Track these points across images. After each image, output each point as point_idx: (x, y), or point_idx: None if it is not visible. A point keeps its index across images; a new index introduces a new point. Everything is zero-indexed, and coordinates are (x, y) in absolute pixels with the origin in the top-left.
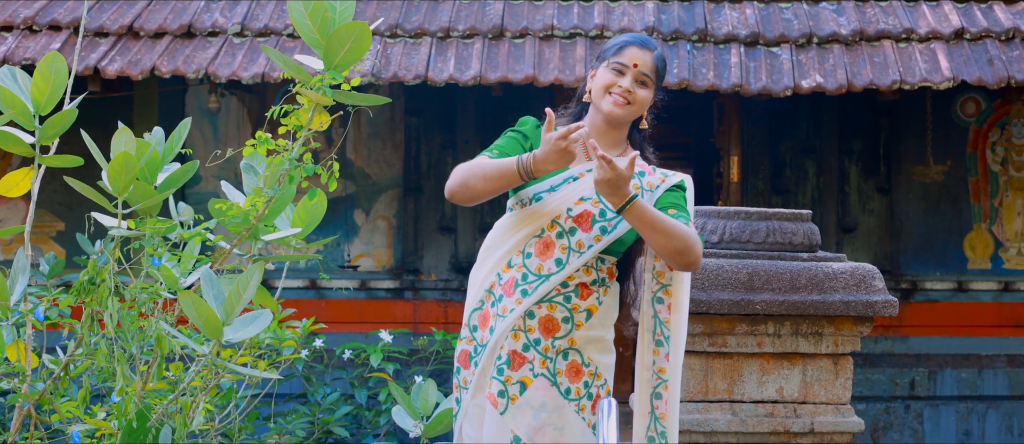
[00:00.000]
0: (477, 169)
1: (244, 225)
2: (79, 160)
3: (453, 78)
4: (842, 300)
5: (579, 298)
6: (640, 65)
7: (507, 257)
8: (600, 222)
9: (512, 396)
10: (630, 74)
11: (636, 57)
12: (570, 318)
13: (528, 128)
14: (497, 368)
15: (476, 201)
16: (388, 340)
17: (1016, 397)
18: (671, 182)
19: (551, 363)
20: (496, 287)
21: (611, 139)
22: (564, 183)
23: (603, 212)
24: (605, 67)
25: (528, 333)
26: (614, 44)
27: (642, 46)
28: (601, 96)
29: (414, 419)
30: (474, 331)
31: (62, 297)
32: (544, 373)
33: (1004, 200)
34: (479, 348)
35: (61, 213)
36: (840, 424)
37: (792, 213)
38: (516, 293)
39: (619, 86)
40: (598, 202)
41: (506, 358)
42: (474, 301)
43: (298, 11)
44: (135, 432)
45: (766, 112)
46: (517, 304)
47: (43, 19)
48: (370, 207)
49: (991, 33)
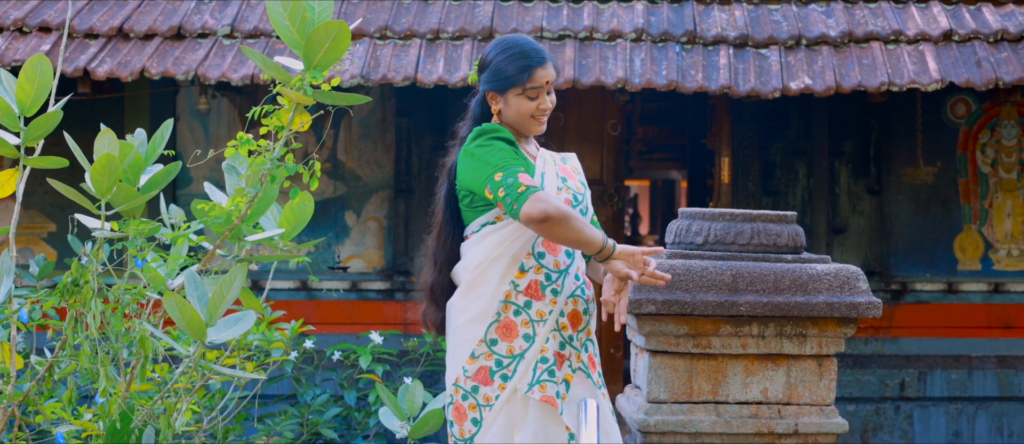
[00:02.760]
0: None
1: (227, 225)
2: (64, 161)
3: (442, 80)
4: (826, 302)
5: (588, 288)
6: (550, 80)
7: (517, 263)
8: (578, 205)
9: (563, 396)
10: (544, 91)
11: (546, 75)
12: (587, 309)
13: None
14: (548, 370)
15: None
16: (378, 341)
17: (1006, 398)
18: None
19: (582, 355)
20: (515, 295)
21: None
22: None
23: (575, 196)
24: (517, 95)
25: (562, 331)
26: (518, 69)
27: (542, 63)
28: (526, 122)
29: (401, 420)
30: (492, 345)
31: (46, 299)
32: (580, 367)
33: (994, 201)
34: (504, 360)
35: (52, 215)
36: (824, 425)
37: (777, 215)
38: (546, 294)
39: (540, 109)
40: (567, 189)
41: (553, 359)
42: (488, 314)
43: (277, 11)
44: (119, 433)
45: (757, 114)
46: (552, 304)
47: (33, 20)
48: (361, 208)
49: (979, 35)
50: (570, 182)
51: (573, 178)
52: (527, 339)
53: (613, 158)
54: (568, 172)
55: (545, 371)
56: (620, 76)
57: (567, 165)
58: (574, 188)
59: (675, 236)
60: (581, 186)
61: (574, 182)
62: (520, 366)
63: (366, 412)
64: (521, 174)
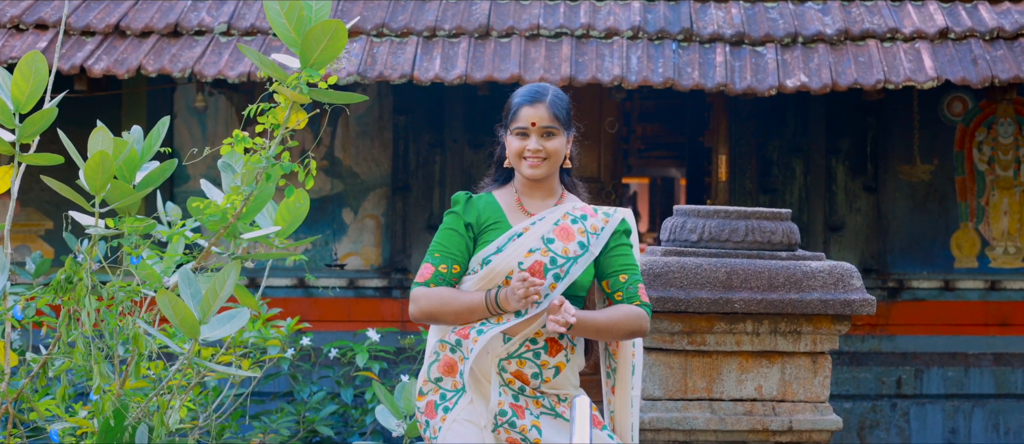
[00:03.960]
0: (447, 303)
1: (222, 223)
2: (59, 158)
3: (439, 77)
4: (820, 299)
5: (548, 354)
6: (538, 121)
7: None
8: (553, 269)
9: (535, 441)
10: (533, 133)
11: (531, 116)
12: (539, 374)
13: (460, 207)
14: (508, 422)
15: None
16: (375, 339)
17: (1002, 396)
18: (614, 224)
19: (544, 401)
20: (447, 335)
21: (543, 192)
22: (509, 242)
23: (554, 259)
24: (510, 134)
25: (510, 385)
26: (510, 109)
27: (532, 102)
28: (518, 163)
29: (397, 418)
30: (438, 382)
31: (41, 296)
32: (543, 411)
33: (991, 199)
34: (449, 393)
35: (49, 212)
36: (818, 422)
37: (771, 212)
38: (471, 333)
39: (528, 150)
40: (547, 251)
41: (511, 412)
42: (430, 354)
43: (274, 10)
44: (112, 430)
45: (754, 112)
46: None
47: (29, 17)
48: (358, 206)
49: (976, 33)
50: (557, 244)
51: (570, 239)
52: (462, 375)
53: (611, 156)
54: (567, 232)
55: (506, 422)
56: (617, 74)
57: (577, 224)
58: (557, 251)
59: (670, 233)
60: (577, 248)
61: (566, 244)
62: (461, 400)
63: (363, 410)
64: (425, 266)
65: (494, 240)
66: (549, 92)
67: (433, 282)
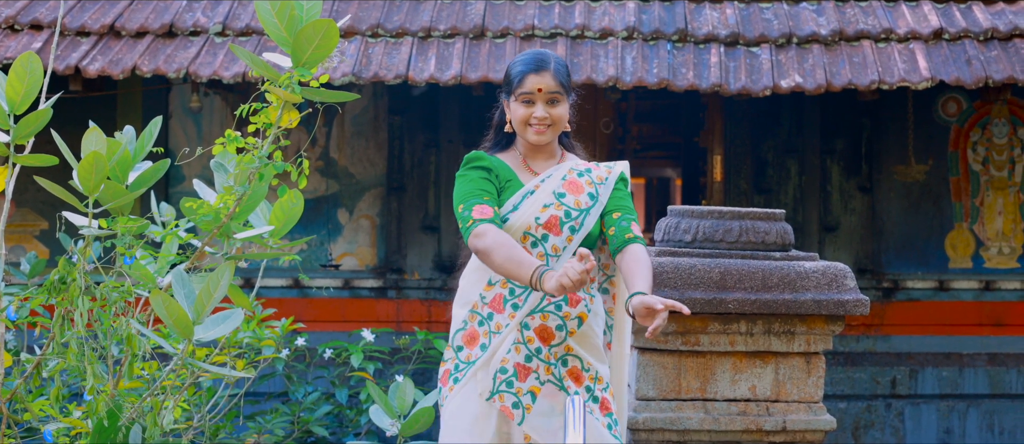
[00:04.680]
0: (506, 248)
1: (216, 223)
2: (53, 159)
3: (434, 78)
4: (814, 299)
5: (569, 305)
6: (544, 88)
7: (487, 276)
8: (568, 222)
9: (527, 405)
10: (539, 100)
11: (537, 83)
12: (563, 325)
13: (482, 161)
14: (506, 382)
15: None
16: (370, 339)
17: (997, 396)
18: (617, 172)
19: (555, 369)
20: (481, 306)
21: (545, 153)
22: (524, 199)
23: (568, 212)
24: (515, 101)
25: (528, 344)
26: (514, 75)
27: (537, 69)
28: (523, 129)
29: (392, 418)
30: (458, 351)
31: (34, 296)
32: (550, 379)
33: (985, 199)
34: (462, 365)
35: (44, 212)
36: (812, 422)
37: (765, 212)
38: (507, 308)
39: (535, 117)
40: (561, 205)
41: (512, 371)
42: (458, 322)
43: (265, 10)
44: (106, 431)
45: (749, 112)
46: (511, 319)
47: (24, 18)
48: (353, 206)
49: (970, 33)
50: (568, 197)
51: (579, 192)
52: (483, 349)
53: (606, 156)
54: (575, 186)
55: (504, 382)
56: (611, 74)
57: (583, 177)
58: (570, 205)
59: (664, 234)
60: (587, 200)
61: (577, 197)
62: (468, 372)
63: (357, 410)
64: (476, 207)
65: (510, 198)
66: (552, 59)
67: (495, 222)
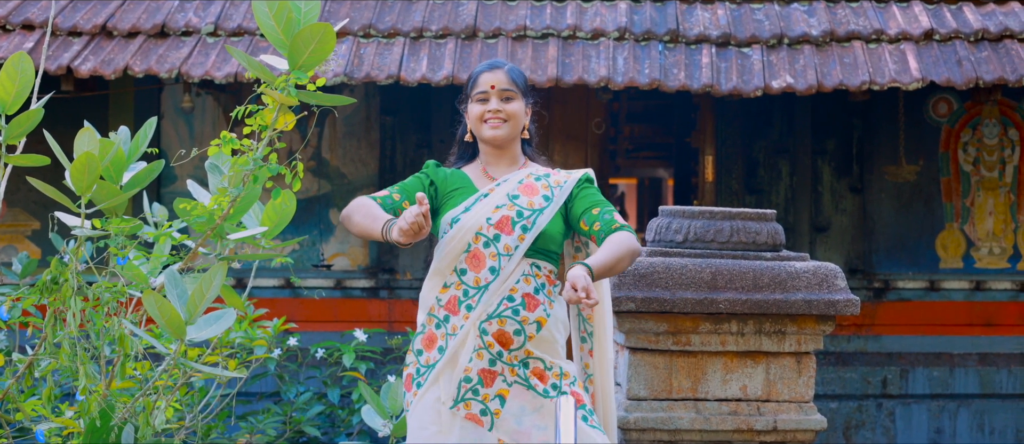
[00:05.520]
0: (366, 207)
1: (209, 224)
2: (45, 159)
3: (425, 78)
4: (804, 299)
5: (527, 310)
6: (497, 84)
7: (442, 279)
8: (520, 222)
9: (495, 411)
10: (493, 96)
11: (490, 80)
12: (521, 331)
13: (429, 168)
14: (472, 389)
15: (355, 234)
16: (362, 339)
17: (987, 396)
18: (577, 176)
19: (520, 370)
20: (437, 309)
21: (506, 160)
22: (476, 201)
23: (520, 212)
24: (471, 102)
25: (489, 349)
26: (470, 79)
27: (490, 69)
28: (479, 128)
29: (384, 418)
30: (419, 355)
31: (26, 296)
32: (516, 380)
33: (976, 200)
34: (423, 369)
35: (36, 212)
36: (803, 422)
37: (756, 213)
38: (461, 310)
39: (489, 111)
40: (513, 206)
41: (477, 378)
42: (418, 326)
43: (263, 11)
44: (98, 431)
45: (740, 113)
46: (465, 320)
47: (16, 18)
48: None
49: (960, 34)
50: (522, 199)
51: (534, 194)
52: (441, 351)
53: (598, 156)
54: (531, 188)
55: (469, 390)
56: (603, 75)
57: (540, 181)
58: (523, 205)
59: (655, 234)
60: (541, 201)
61: (531, 198)
62: (429, 376)
63: (350, 410)
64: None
65: (462, 201)
66: (506, 63)
67: (378, 200)
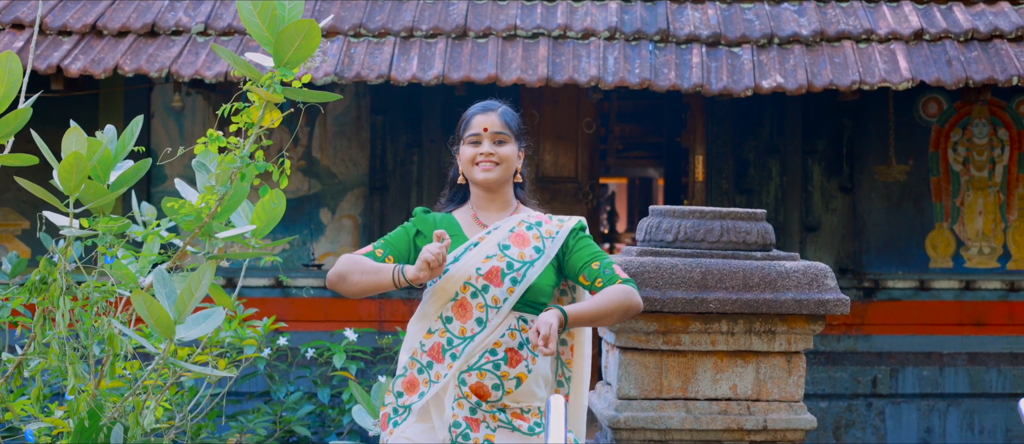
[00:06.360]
0: (359, 264)
1: (197, 223)
2: (34, 159)
3: (416, 78)
4: (794, 299)
5: (508, 365)
6: (490, 127)
7: (427, 324)
8: (510, 274)
9: None
10: (486, 138)
11: (483, 122)
12: (500, 385)
13: (417, 217)
14: (462, 434)
15: (354, 296)
16: (353, 339)
17: (977, 395)
18: (569, 226)
19: (500, 415)
20: (420, 354)
21: (498, 204)
22: (466, 251)
23: (511, 264)
24: (463, 145)
25: (468, 399)
26: (463, 121)
27: (484, 111)
28: (471, 170)
29: (374, 418)
30: (399, 397)
31: (15, 296)
32: (500, 425)
33: (966, 199)
34: (400, 409)
35: (25, 212)
36: (793, 421)
37: (746, 212)
38: (446, 358)
39: (481, 154)
40: (503, 257)
41: (465, 423)
42: (400, 368)
43: (248, 10)
44: (87, 431)
45: (730, 112)
46: (449, 369)
47: (6, 17)
48: (336, 206)
49: (950, 34)
50: (513, 249)
51: (525, 245)
52: (421, 396)
53: (588, 156)
54: (522, 238)
55: (460, 434)
56: (593, 74)
57: (532, 230)
58: (514, 256)
59: (645, 233)
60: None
61: (522, 250)
62: (408, 417)
63: (340, 410)
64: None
65: (451, 250)
66: (501, 105)
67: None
